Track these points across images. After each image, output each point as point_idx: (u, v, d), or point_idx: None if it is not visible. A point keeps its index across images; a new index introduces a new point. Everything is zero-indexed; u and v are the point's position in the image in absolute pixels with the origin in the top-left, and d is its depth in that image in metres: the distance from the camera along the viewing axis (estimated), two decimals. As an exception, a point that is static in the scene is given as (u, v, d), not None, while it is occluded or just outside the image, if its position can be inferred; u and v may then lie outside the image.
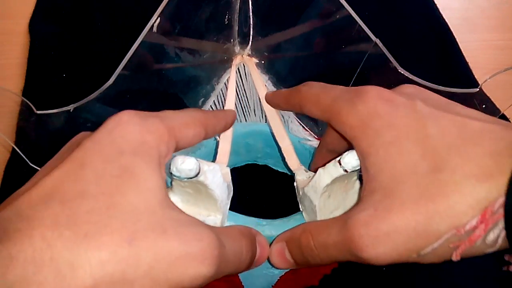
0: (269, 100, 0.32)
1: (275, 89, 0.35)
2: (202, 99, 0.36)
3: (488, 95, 0.32)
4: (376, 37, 0.31)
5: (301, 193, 0.28)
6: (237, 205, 0.28)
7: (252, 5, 0.33)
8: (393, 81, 0.29)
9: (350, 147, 0.24)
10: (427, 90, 0.24)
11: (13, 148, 0.36)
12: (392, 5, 0.40)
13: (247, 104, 0.37)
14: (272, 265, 0.25)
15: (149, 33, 0.30)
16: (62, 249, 0.16)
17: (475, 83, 0.39)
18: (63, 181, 0.18)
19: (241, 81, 0.36)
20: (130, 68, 0.31)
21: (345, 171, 0.24)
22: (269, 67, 0.35)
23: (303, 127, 0.36)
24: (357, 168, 0.24)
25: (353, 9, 0.31)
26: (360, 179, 0.27)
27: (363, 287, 0.35)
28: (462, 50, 0.40)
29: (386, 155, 0.20)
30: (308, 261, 0.23)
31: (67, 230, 0.17)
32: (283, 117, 0.34)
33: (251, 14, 0.34)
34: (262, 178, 0.39)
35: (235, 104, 0.34)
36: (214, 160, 0.31)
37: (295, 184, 0.29)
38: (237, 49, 0.35)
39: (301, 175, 0.29)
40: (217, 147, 0.31)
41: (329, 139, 0.28)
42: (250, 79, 0.35)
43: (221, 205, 0.25)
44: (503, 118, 0.31)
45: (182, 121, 0.22)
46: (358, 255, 0.20)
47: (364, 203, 0.21)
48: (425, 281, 0.35)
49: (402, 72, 0.31)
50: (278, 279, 0.30)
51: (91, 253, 0.16)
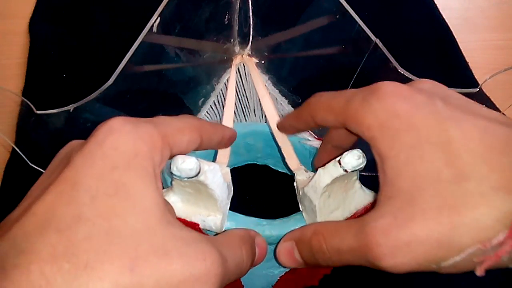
0: (281, 126, 0.31)
1: (275, 89, 0.35)
2: (202, 99, 0.36)
3: (488, 95, 0.32)
4: (376, 37, 0.31)
5: (301, 193, 0.28)
6: (237, 205, 0.28)
7: (252, 5, 0.33)
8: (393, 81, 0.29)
9: (354, 145, 0.24)
10: (444, 86, 0.23)
11: (13, 148, 0.36)
12: (392, 5, 0.40)
13: (247, 104, 0.37)
14: (279, 263, 0.25)
15: (149, 33, 0.30)
16: (62, 285, 0.16)
17: (475, 83, 0.39)
18: (57, 206, 0.17)
19: (241, 81, 0.36)
20: (130, 68, 0.31)
21: (345, 171, 0.24)
22: (269, 67, 0.35)
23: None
24: (357, 168, 0.24)
25: (353, 9, 0.31)
26: (359, 178, 0.27)
27: (363, 287, 0.35)
28: (462, 50, 0.40)
29: (407, 159, 0.19)
30: (318, 263, 0.22)
31: (66, 262, 0.16)
32: (283, 117, 0.34)
33: (251, 14, 0.34)
34: (262, 178, 0.39)
35: (235, 104, 0.34)
36: (214, 160, 0.31)
37: (295, 184, 0.29)
38: (237, 49, 0.35)
39: (301, 175, 0.29)
40: (217, 147, 0.31)
41: (336, 134, 0.27)
42: (250, 79, 0.35)
43: (221, 205, 0.25)
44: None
45: (176, 127, 0.21)
46: (375, 263, 0.19)
47: (382, 209, 0.20)
48: (425, 280, 0.35)
49: (402, 72, 0.31)
50: (278, 279, 0.30)
51: (92, 285, 0.16)
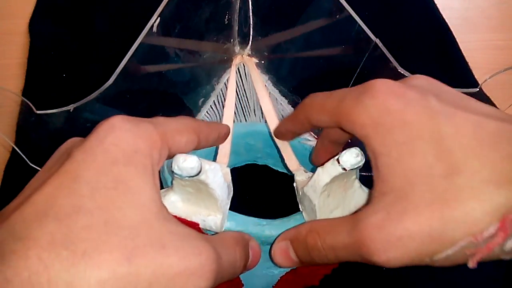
0: (277, 133, 0.31)
1: (275, 89, 0.35)
2: (202, 99, 0.36)
3: (488, 95, 0.32)
4: (376, 37, 0.31)
5: (300, 193, 0.28)
6: (237, 205, 0.28)
7: (252, 5, 0.33)
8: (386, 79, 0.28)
9: (353, 140, 0.24)
10: (438, 81, 0.23)
11: (13, 148, 0.36)
12: (392, 5, 0.40)
13: (247, 104, 0.37)
14: (275, 264, 0.25)
15: (149, 33, 0.30)
16: (59, 270, 0.16)
17: (475, 83, 0.39)
18: (57, 196, 0.18)
19: (241, 81, 0.36)
20: (130, 68, 0.31)
21: (344, 169, 0.24)
22: (269, 67, 0.35)
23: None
24: (355, 166, 0.24)
25: (353, 9, 0.31)
26: (360, 178, 0.27)
27: (363, 287, 0.35)
28: (462, 50, 0.40)
29: (399, 155, 0.20)
30: (314, 261, 0.23)
31: (64, 249, 0.16)
32: (282, 117, 0.34)
33: (251, 14, 0.34)
34: (262, 178, 0.39)
35: (235, 104, 0.34)
36: (214, 160, 0.31)
37: (294, 184, 0.29)
38: (237, 49, 0.35)
39: (300, 176, 0.29)
40: (217, 147, 0.31)
41: (332, 130, 0.27)
42: (250, 79, 0.35)
43: (221, 204, 0.25)
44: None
45: (175, 127, 0.22)
46: (369, 258, 0.20)
47: (376, 204, 0.20)
48: (425, 280, 0.35)
49: (402, 72, 0.32)
50: (278, 279, 0.30)
51: (90, 272, 0.16)
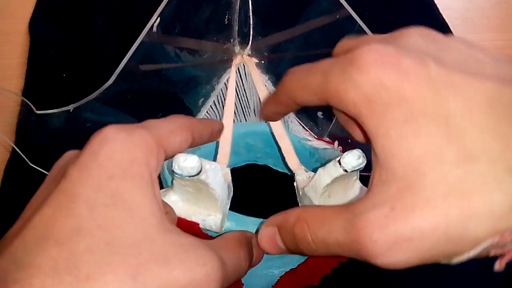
0: (264, 115, 0.27)
1: (275, 89, 0.35)
2: (202, 99, 0.36)
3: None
4: (376, 37, 0.31)
5: (301, 193, 0.28)
6: (237, 205, 0.28)
7: (252, 5, 0.33)
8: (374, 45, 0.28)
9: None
10: (435, 33, 0.19)
11: (13, 148, 0.36)
12: (392, 5, 0.40)
13: (247, 104, 0.37)
14: (263, 249, 0.24)
15: (149, 33, 0.30)
16: None
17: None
18: (55, 219, 0.17)
19: (241, 81, 0.36)
20: (130, 68, 0.31)
21: (345, 171, 0.24)
22: (269, 67, 0.35)
23: (303, 127, 0.36)
24: (357, 168, 0.24)
25: (353, 9, 0.31)
26: (360, 178, 0.27)
27: (363, 287, 0.35)
28: (462, 50, 0.40)
29: (400, 137, 0.16)
30: (303, 253, 0.21)
31: (67, 274, 0.16)
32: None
33: (251, 14, 0.34)
34: (262, 178, 0.39)
35: (235, 104, 0.34)
36: (214, 160, 0.31)
37: (295, 184, 0.29)
38: (237, 49, 0.35)
39: (301, 175, 0.29)
40: (217, 148, 0.31)
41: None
42: (250, 79, 0.35)
43: (221, 204, 0.25)
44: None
45: (168, 128, 0.21)
46: (370, 261, 0.17)
47: (376, 196, 0.17)
48: (425, 280, 0.35)
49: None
50: (278, 279, 0.30)
51: None
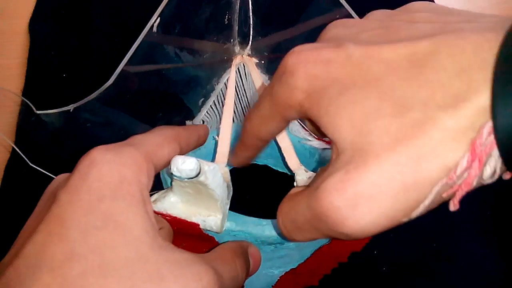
0: (234, 162, 0.26)
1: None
2: (202, 99, 0.36)
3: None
4: (376, 37, 0.31)
5: (301, 193, 0.28)
6: (237, 205, 0.28)
7: (252, 5, 0.33)
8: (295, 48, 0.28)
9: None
10: (353, 19, 0.20)
11: (13, 148, 0.36)
12: (392, 5, 0.40)
13: (247, 104, 0.37)
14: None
15: (149, 33, 0.30)
16: None
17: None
18: (48, 245, 0.17)
19: (241, 81, 0.36)
20: (130, 68, 0.31)
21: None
22: (269, 67, 0.35)
23: (303, 127, 0.36)
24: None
25: (353, 8, 0.31)
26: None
27: (362, 287, 0.35)
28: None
29: (338, 109, 0.17)
30: (294, 240, 0.20)
31: None
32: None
33: (251, 14, 0.34)
34: (262, 178, 0.39)
35: (234, 104, 0.34)
36: (213, 160, 0.31)
37: (295, 184, 0.29)
38: (237, 49, 0.35)
39: (301, 175, 0.29)
40: (216, 147, 0.31)
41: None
42: (250, 79, 0.35)
43: (221, 205, 0.25)
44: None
45: (155, 142, 0.22)
46: (338, 231, 0.16)
47: (331, 168, 0.17)
48: (425, 280, 0.35)
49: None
50: (278, 279, 0.30)
51: None
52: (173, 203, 0.25)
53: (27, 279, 0.17)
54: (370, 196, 0.15)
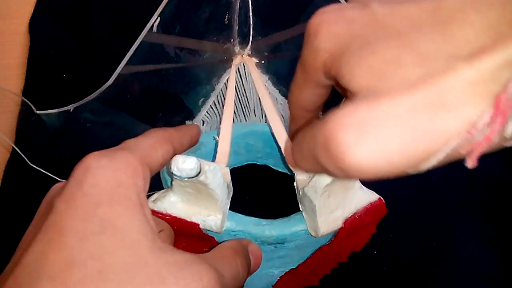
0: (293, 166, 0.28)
1: (275, 89, 0.35)
2: (202, 99, 0.36)
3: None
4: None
5: (301, 193, 0.28)
6: (237, 205, 0.28)
7: (252, 5, 0.33)
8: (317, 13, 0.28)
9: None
10: None
11: (13, 148, 0.36)
12: None
13: (247, 104, 0.37)
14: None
15: (149, 33, 0.30)
16: None
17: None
18: (47, 253, 0.17)
19: (241, 81, 0.36)
20: (130, 68, 0.31)
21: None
22: (269, 67, 0.35)
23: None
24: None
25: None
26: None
27: (363, 287, 0.35)
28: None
29: (358, 59, 0.17)
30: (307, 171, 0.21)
31: None
32: (283, 117, 0.34)
33: (251, 14, 0.34)
34: (262, 178, 0.39)
35: (234, 104, 0.34)
36: (213, 160, 0.31)
37: (295, 184, 0.29)
38: (237, 49, 0.35)
39: (301, 175, 0.29)
40: (216, 147, 0.31)
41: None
42: (250, 79, 0.35)
43: (221, 205, 0.25)
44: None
45: (148, 145, 0.22)
46: (337, 163, 0.16)
47: (343, 104, 0.16)
48: (425, 280, 0.35)
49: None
50: (278, 279, 0.30)
51: None
52: (173, 203, 0.25)
53: None
54: (376, 134, 0.15)
